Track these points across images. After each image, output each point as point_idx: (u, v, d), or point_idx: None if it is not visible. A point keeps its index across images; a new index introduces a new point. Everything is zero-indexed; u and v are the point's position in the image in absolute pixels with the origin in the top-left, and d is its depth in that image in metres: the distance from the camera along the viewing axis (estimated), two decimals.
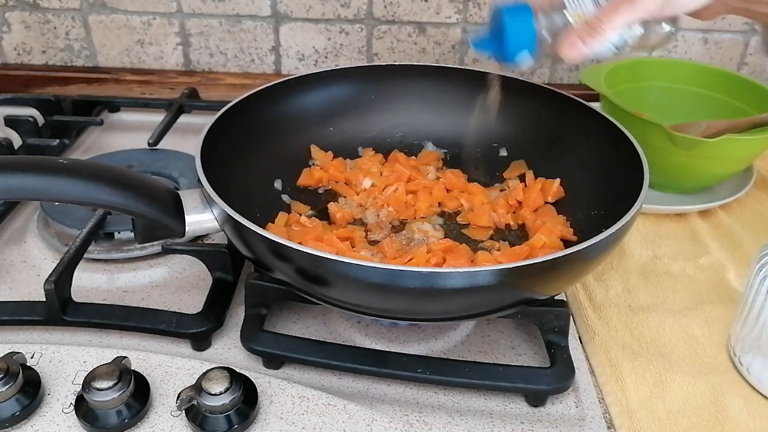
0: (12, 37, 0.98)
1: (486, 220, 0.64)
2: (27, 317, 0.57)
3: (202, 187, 0.52)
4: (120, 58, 0.99)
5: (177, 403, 0.46)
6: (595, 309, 0.61)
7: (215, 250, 0.60)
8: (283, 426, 0.47)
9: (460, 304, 0.48)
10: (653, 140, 0.68)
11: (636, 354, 0.56)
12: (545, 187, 0.65)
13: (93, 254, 0.64)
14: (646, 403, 0.52)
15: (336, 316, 0.59)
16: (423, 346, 0.57)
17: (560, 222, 0.62)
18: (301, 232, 0.60)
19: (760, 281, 0.51)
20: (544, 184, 0.66)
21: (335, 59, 0.97)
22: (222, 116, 0.61)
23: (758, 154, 0.73)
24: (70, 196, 0.49)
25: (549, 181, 0.66)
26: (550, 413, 0.51)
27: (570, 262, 0.47)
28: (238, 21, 0.95)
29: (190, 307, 0.59)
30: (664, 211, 0.74)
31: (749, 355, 0.54)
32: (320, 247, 0.56)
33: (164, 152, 0.80)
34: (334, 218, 0.65)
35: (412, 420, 0.50)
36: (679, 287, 0.64)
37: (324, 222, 0.64)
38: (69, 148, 0.86)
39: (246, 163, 0.64)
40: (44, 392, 0.49)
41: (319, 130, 0.72)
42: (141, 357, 0.51)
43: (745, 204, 0.77)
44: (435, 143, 0.74)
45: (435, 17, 0.93)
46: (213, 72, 0.99)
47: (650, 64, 0.86)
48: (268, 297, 0.56)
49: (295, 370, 0.55)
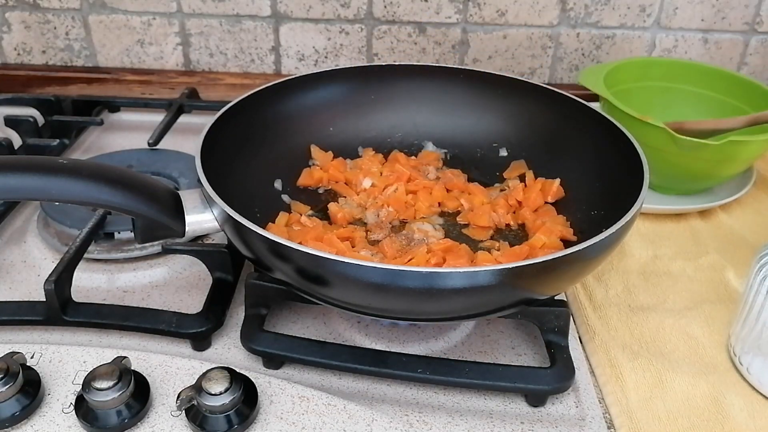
0: (12, 37, 0.98)
1: (486, 220, 0.64)
2: (27, 317, 0.57)
3: (202, 187, 0.52)
4: (120, 58, 0.99)
5: (177, 403, 0.46)
6: (595, 309, 0.61)
7: (215, 250, 0.60)
8: (283, 426, 0.47)
9: (460, 304, 0.48)
10: (655, 142, 0.68)
11: (636, 354, 0.56)
12: (545, 187, 0.65)
13: (93, 254, 0.64)
14: (646, 403, 0.52)
15: (336, 316, 0.59)
16: (423, 346, 0.57)
17: (560, 222, 0.62)
18: (302, 231, 0.60)
19: (760, 281, 0.51)
20: (544, 184, 0.66)
21: (335, 59, 0.97)
22: (222, 116, 0.61)
23: (760, 155, 0.73)
24: (70, 196, 0.49)
25: (549, 181, 0.66)
26: (550, 413, 0.51)
27: (570, 262, 0.47)
28: (238, 21, 0.95)
29: (190, 307, 0.59)
30: (664, 211, 0.74)
31: (749, 355, 0.54)
32: (320, 247, 0.56)
33: (164, 152, 0.80)
34: (334, 218, 0.65)
35: (412, 420, 0.50)
36: (679, 287, 0.64)
37: (324, 222, 0.64)
38: (69, 148, 0.86)
39: (246, 163, 0.64)
40: (44, 392, 0.49)
41: (319, 130, 0.72)
42: (141, 357, 0.51)
43: (745, 204, 0.77)
44: (435, 143, 0.74)
45: (435, 17, 0.93)
46: (213, 72, 0.99)
47: (650, 64, 0.86)
48: (268, 297, 0.56)
49: (295, 370, 0.55)
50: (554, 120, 0.68)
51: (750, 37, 0.94)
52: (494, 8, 0.92)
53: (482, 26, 0.94)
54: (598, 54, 0.96)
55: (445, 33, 0.94)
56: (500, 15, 0.92)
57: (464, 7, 0.92)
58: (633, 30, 0.94)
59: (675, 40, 0.95)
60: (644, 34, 0.94)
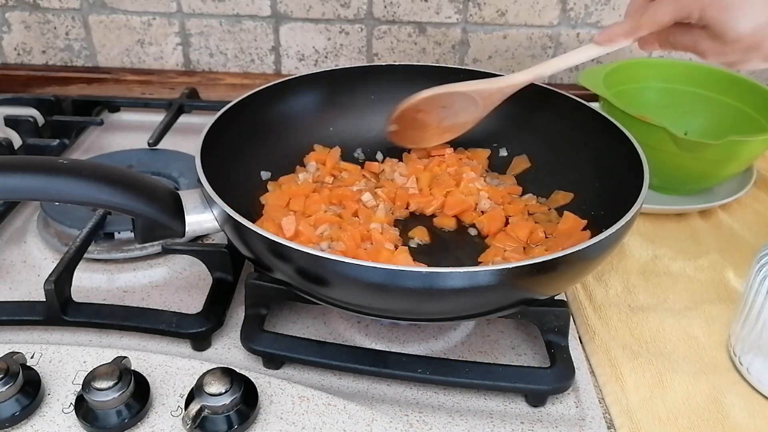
0: (12, 37, 0.98)
1: (524, 234, 0.61)
2: (27, 317, 0.57)
3: (202, 187, 0.52)
4: (120, 58, 0.99)
5: (185, 418, 0.45)
6: (595, 309, 0.61)
7: (215, 250, 0.60)
8: (283, 426, 0.47)
9: (460, 304, 0.48)
10: (655, 142, 0.68)
11: (636, 354, 0.56)
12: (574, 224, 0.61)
13: (93, 254, 0.64)
14: (646, 403, 0.52)
15: (336, 316, 0.59)
16: (423, 346, 0.57)
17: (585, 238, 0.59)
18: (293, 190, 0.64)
19: (760, 281, 0.51)
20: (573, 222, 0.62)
21: (335, 59, 0.97)
22: (222, 116, 0.61)
23: (760, 154, 0.73)
24: (70, 196, 0.49)
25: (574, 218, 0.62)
26: (550, 413, 0.51)
27: (570, 262, 0.47)
28: (238, 21, 0.95)
29: (190, 307, 0.59)
30: (664, 211, 0.74)
31: (749, 355, 0.54)
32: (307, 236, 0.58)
33: (164, 152, 0.80)
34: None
35: (412, 420, 0.50)
36: (679, 287, 0.64)
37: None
38: (69, 148, 0.86)
39: (246, 163, 0.64)
40: (44, 392, 0.49)
41: (319, 130, 0.72)
42: (141, 357, 0.51)
43: (745, 204, 0.77)
44: None
45: (435, 17, 0.93)
46: (213, 72, 0.99)
47: (649, 64, 0.86)
48: (268, 297, 0.56)
49: (295, 370, 0.55)
50: (554, 120, 0.68)
51: None
52: (494, 8, 0.92)
53: (482, 26, 0.94)
54: None
55: (445, 33, 0.94)
56: (500, 15, 0.92)
57: (464, 7, 0.92)
58: None
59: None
60: None
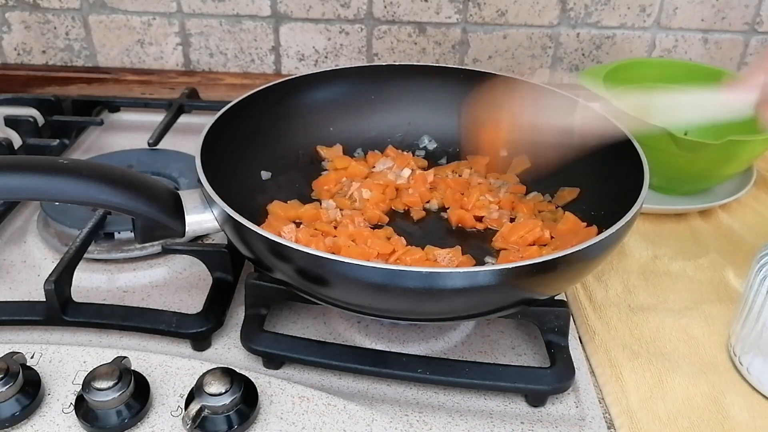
0: (12, 37, 0.98)
1: (533, 234, 0.61)
2: (27, 317, 0.57)
3: (202, 187, 0.52)
4: (120, 58, 0.99)
5: (185, 418, 0.45)
6: (595, 309, 0.61)
7: (215, 250, 0.60)
8: (283, 426, 0.47)
9: (460, 304, 0.48)
10: (655, 143, 0.67)
11: (636, 354, 0.56)
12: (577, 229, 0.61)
13: (93, 254, 0.64)
14: (646, 403, 0.52)
15: (336, 316, 0.59)
16: (423, 346, 0.57)
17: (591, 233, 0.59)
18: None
19: (760, 281, 0.51)
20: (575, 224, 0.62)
21: (335, 59, 0.97)
22: (222, 116, 0.61)
23: (760, 154, 0.73)
24: (70, 196, 0.49)
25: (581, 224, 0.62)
26: (550, 413, 0.51)
27: (570, 262, 0.47)
28: (238, 21, 0.95)
29: (190, 307, 0.59)
30: (664, 211, 0.74)
31: (749, 355, 0.54)
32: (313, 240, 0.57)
33: (164, 152, 0.80)
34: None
35: (412, 420, 0.50)
36: (679, 287, 0.64)
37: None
38: (69, 148, 0.86)
39: (246, 163, 0.64)
40: (44, 392, 0.49)
41: (319, 130, 0.72)
42: (141, 357, 0.51)
43: (745, 204, 0.77)
44: (435, 143, 0.74)
45: (435, 17, 0.93)
46: (213, 72, 0.99)
47: (650, 64, 0.86)
48: (268, 297, 0.56)
49: (295, 370, 0.55)
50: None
51: (750, 37, 0.94)
52: (494, 8, 0.92)
53: (482, 26, 0.94)
54: (598, 54, 0.96)
55: (445, 33, 0.94)
56: (500, 15, 0.92)
57: (464, 7, 0.92)
58: (633, 30, 0.94)
59: (675, 40, 0.95)
60: (644, 34, 0.94)
